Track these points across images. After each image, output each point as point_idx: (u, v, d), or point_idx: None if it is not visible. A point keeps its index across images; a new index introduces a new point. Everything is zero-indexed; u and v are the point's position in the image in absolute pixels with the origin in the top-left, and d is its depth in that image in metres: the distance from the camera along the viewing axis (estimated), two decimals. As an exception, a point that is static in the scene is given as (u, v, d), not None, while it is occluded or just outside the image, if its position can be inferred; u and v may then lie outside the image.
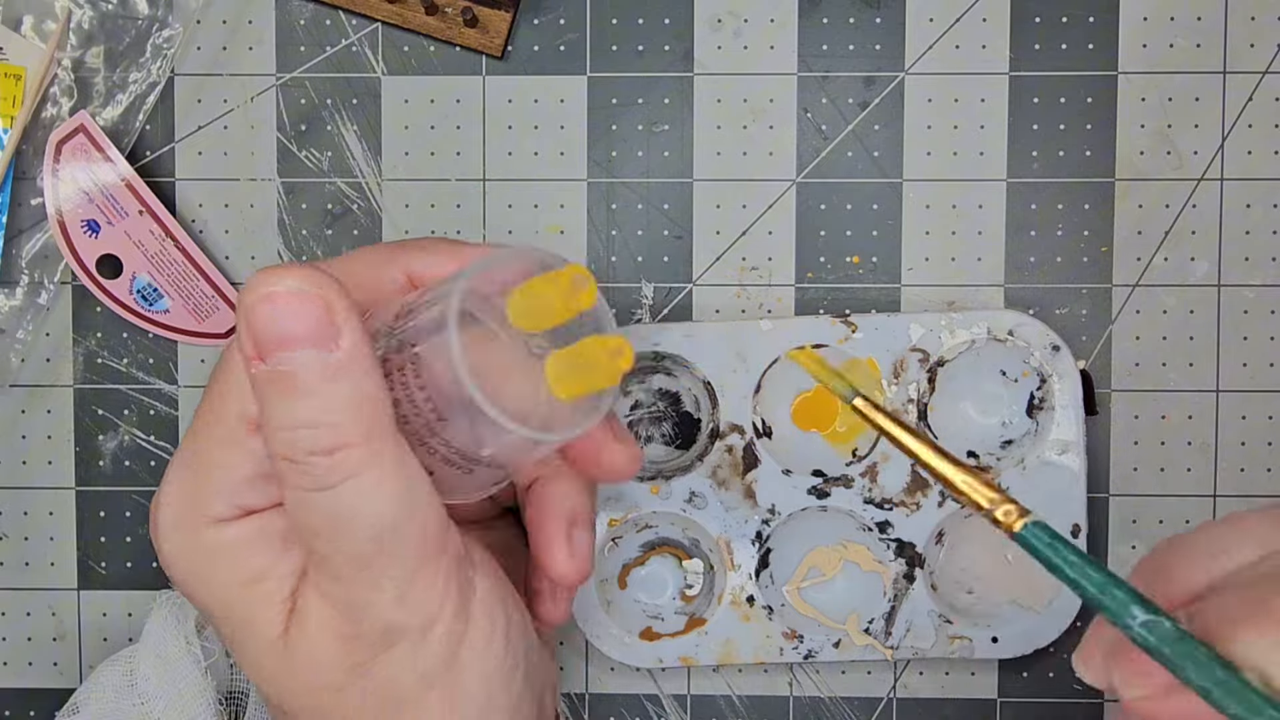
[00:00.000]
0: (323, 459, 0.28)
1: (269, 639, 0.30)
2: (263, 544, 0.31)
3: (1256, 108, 0.45)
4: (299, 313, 0.27)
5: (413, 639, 0.30)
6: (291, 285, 0.27)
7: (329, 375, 0.27)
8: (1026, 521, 0.26)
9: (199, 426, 0.31)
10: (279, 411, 0.28)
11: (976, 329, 0.44)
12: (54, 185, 0.45)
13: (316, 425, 0.27)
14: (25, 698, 0.48)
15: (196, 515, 0.31)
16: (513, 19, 0.46)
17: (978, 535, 0.45)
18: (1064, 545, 0.26)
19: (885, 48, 0.46)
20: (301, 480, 0.28)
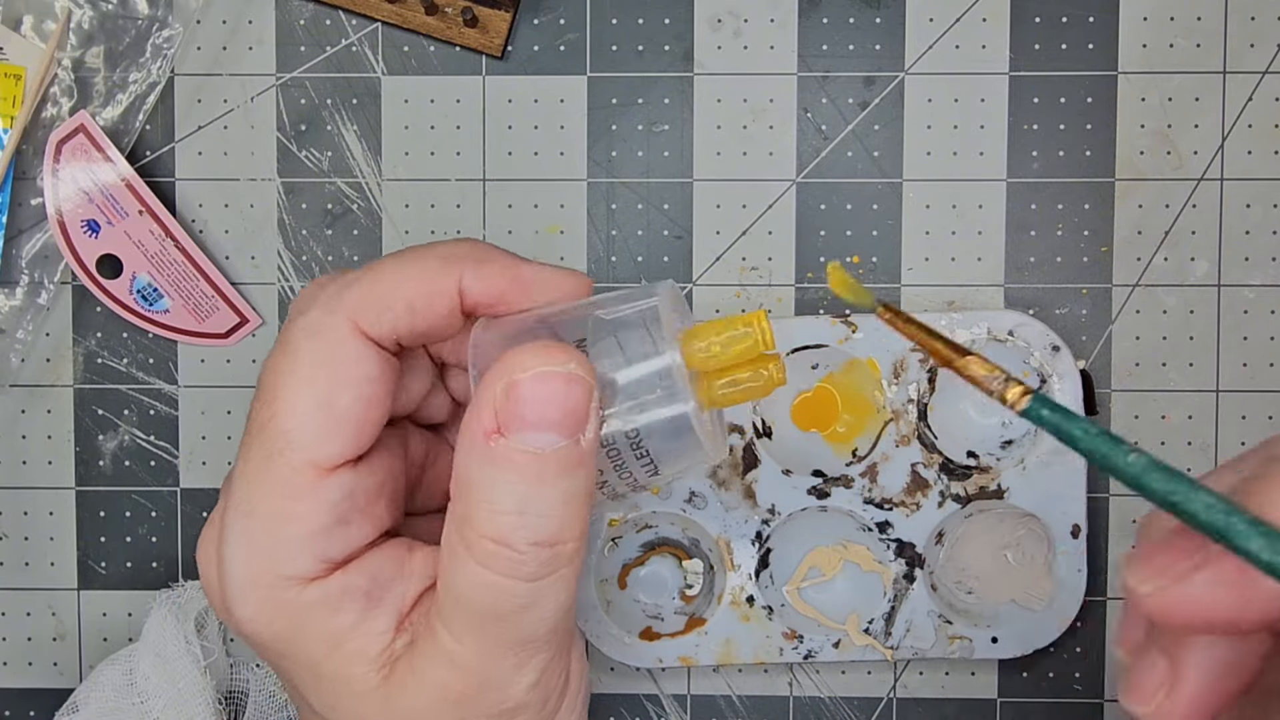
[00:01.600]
0: (543, 550, 0.26)
1: (365, 690, 0.29)
2: (349, 603, 0.29)
3: (1256, 108, 0.45)
4: (566, 398, 0.26)
5: (529, 715, 0.29)
6: (573, 368, 0.26)
7: (569, 466, 0.26)
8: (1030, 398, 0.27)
9: (253, 473, 0.29)
10: (507, 494, 0.26)
11: (976, 329, 0.44)
12: (54, 185, 0.45)
13: (546, 516, 0.26)
14: (25, 698, 0.48)
15: (274, 575, 0.29)
16: (513, 19, 0.46)
17: (978, 535, 0.45)
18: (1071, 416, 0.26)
19: (885, 48, 0.46)
20: (508, 568, 0.26)
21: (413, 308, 0.29)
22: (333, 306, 0.29)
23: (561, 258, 0.46)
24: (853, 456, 0.45)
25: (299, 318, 0.30)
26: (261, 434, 0.29)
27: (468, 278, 0.29)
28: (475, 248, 0.30)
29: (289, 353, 0.29)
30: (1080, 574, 0.44)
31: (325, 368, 0.28)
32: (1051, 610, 0.44)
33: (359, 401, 0.28)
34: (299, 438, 0.28)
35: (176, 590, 0.45)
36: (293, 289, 0.47)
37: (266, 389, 0.29)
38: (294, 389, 0.28)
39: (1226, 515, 0.24)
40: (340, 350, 0.28)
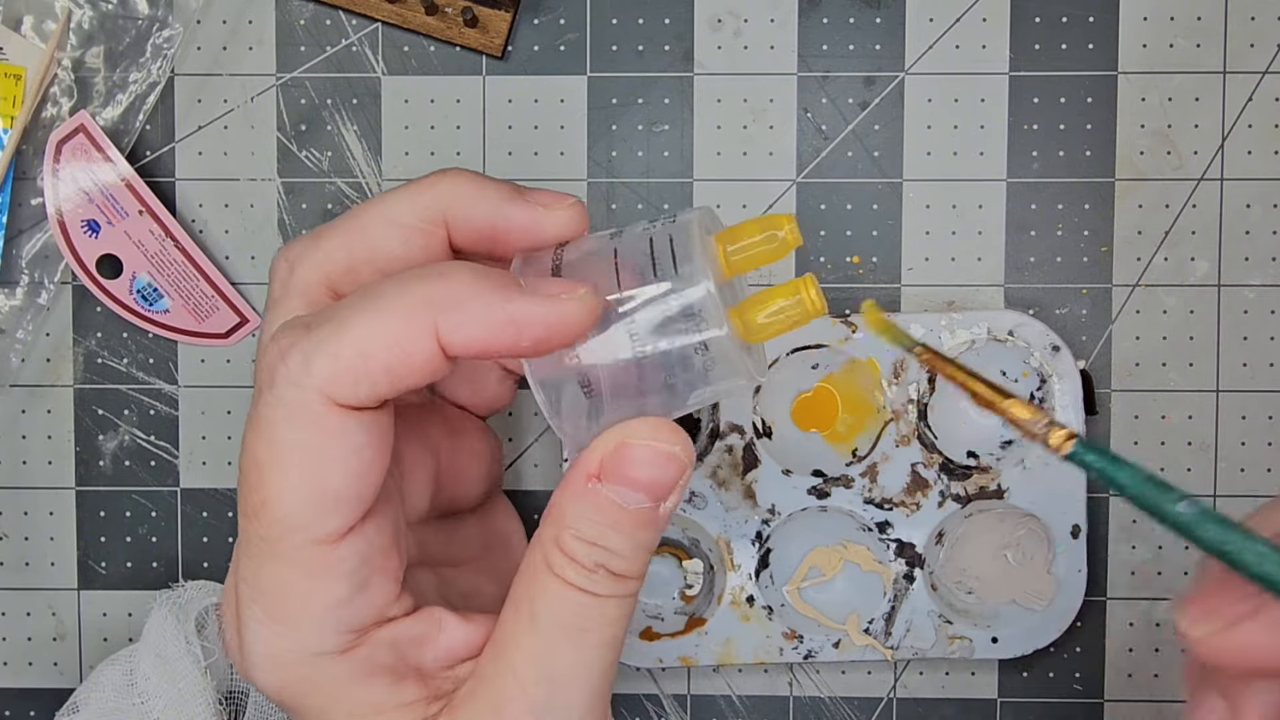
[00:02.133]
0: (609, 576, 0.30)
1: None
2: (377, 678, 0.30)
3: (1256, 108, 0.45)
4: (662, 471, 0.29)
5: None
6: (677, 450, 0.29)
7: (644, 523, 0.30)
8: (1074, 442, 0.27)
9: (258, 555, 0.29)
10: (589, 527, 0.29)
11: (976, 329, 0.44)
12: (54, 185, 0.45)
13: (617, 553, 0.30)
14: (25, 698, 0.48)
15: (300, 653, 0.29)
16: (513, 19, 0.46)
17: (978, 535, 0.45)
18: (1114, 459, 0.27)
19: (885, 48, 0.46)
20: (581, 581, 0.29)
21: (390, 370, 0.27)
22: (302, 380, 0.27)
23: (561, 258, 0.46)
24: (853, 456, 0.45)
25: (268, 391, 0.28)
26: (257, 519, 0.28)
27: (444, 327, 0.27)
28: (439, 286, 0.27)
29: (267, 437, 0.27)
30: (1080, 574, 0.44)
31: (308, 451, 0.27)
32: (1051, 610, 0.44)
33: (350, 476, 0.28)
34: (295, 521, 0.28)
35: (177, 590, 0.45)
36: (293, 289, 0.47)
37: (250, 474, 0.28)
38: (280, 477, 0.27)
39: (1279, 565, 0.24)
40: (320, 429, 0.27)
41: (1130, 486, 0.26)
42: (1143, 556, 0.46)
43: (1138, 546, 0.46)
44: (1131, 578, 0.46)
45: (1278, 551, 0.24)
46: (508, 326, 0.27)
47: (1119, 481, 0.26)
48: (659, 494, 0.29)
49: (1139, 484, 0.26)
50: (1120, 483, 0.26)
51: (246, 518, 0.28)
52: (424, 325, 0.27)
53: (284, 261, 0.31)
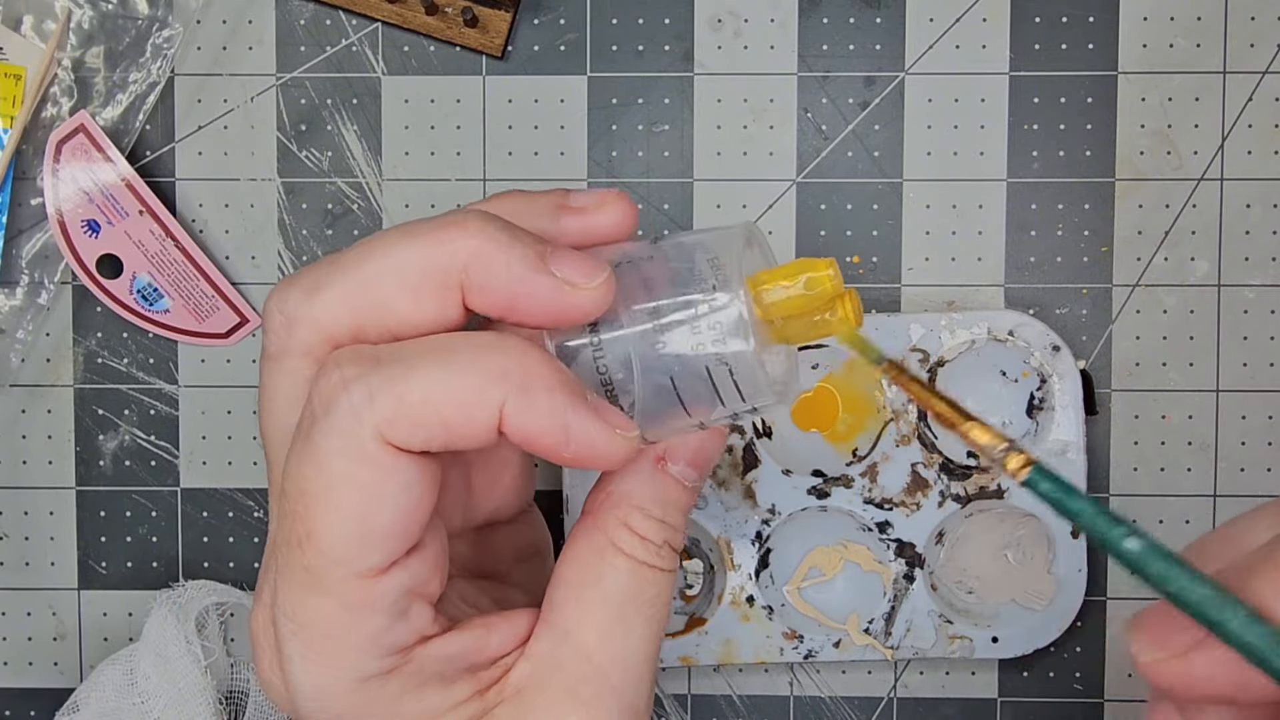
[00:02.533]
0: (665, 550, 0.32)
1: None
2: (428, 687, 0.30)
3: (1256, 108, 0.45)
4: (715, 445, 0.33)
5: None
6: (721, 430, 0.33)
7: (693, 497, 0.33)
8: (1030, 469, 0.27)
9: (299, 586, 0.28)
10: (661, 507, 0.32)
11: (976, 329, 0.44)
12: (54, 185, 0.45)
13: (674, 527, 0.32)
14: (25, 698, 0.48)
15: (349, 681, 0.29)
16: (513, 19, 0.46)
17: (978, 535, 0.45)
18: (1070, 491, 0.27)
19: (885, 48, 0.46)
20: (647, 555, 0.32)
21: (448, 427, 0.27)
22: (362, 415, 0.27)
23: (561, 258, 0.46)
24: (853, 456, 0.45)
25: (323, 420, 0.27)
26: (300, 549, 0.28)
27: (510, 409, 0.27)
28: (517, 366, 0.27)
29: (318, 468, 0.27)
30: (1080, 574, 0.44)
31: (361, 488, 0.27)
32: (1051, 610, 0.44)
33: (398, 513, 0.27)
34: (341, 556, 0.27)
35: (177, 590, 0.45)
36: (293, 289, 0.47)
37: (296, 502, 0.27)
38: (329, 510, 0.27)
39: (1221, 610, 0.25)
40: (374, 466, 0.27)
41: (1081, 517, 0.27)
42: (1143, 556, 0.46)
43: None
44: (1132, 578, 0.46)
45: (1221, 594, 0.24)
46: (560, 433, 0.27)
47: (1071, 512, 0.27)
48: (705, 470, 0.33)
49: (1089, 517, 0.27)
50: (1072, 513, 0.27)
51: (290, 547, 0.28)
52: (494, 399, 0.27)
53: (279, 315, 0.29)
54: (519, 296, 0.28)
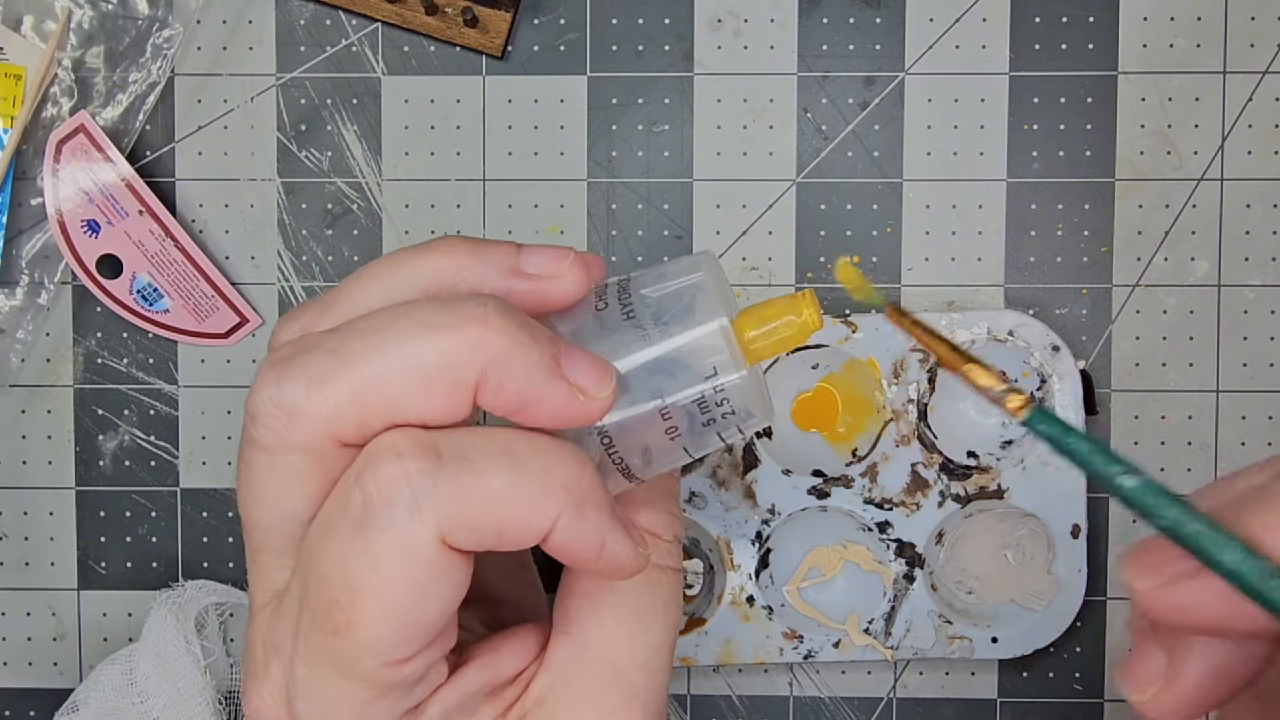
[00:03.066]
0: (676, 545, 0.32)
1: None
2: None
3: (1256, 108, 0.45)
4: None
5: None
6: None
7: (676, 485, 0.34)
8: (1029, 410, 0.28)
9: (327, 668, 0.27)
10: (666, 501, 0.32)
11: (976, 329, 0.44)
12: (54, 185, 0.45)
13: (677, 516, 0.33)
14: (25, 698, 0.48)
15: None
16: (513, 19, 0.46)
17: (978, 535, 0.45)
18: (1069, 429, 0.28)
19: (885, 48, 0.46)
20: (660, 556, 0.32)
21: (503, 534, 0.27)
22: (424, 515, 0.26)
23: (561, 258, 0.46)
24: (853, 456, 0.45)
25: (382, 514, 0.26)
26: (337, 637, 0.27)
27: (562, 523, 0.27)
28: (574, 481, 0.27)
29: (373, 565, 0.26)
30: (1080, 574, 0.44)
31: (414, 586, 0.26)
32: (1051, 610, 0.44)
33: (444, 609, 0.27)
34: (379, 647, 0.27)
35: (176, 590, 0.45)
36: (293, 289, 0.47)
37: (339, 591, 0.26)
38: (377, 606, 0.26)
39: (1215, 542, 0.25)
40: (430, 568, 0.26)
41: (1079, 456, 0.27)
42: (1143, 556, 0.46)
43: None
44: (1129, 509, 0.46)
45: (1216, 529, 0.25)
46: (596, 549, 0.27)
47: (1070, 450, 0.27)
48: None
49: (1088, 455, 0.27)
50: (1071, 451, 0.27)
51: (323, 634, 0.27)
52: (552, 513, 0.26)
53: (276, 409, 0.27)
54: (531, 402, 0.27)
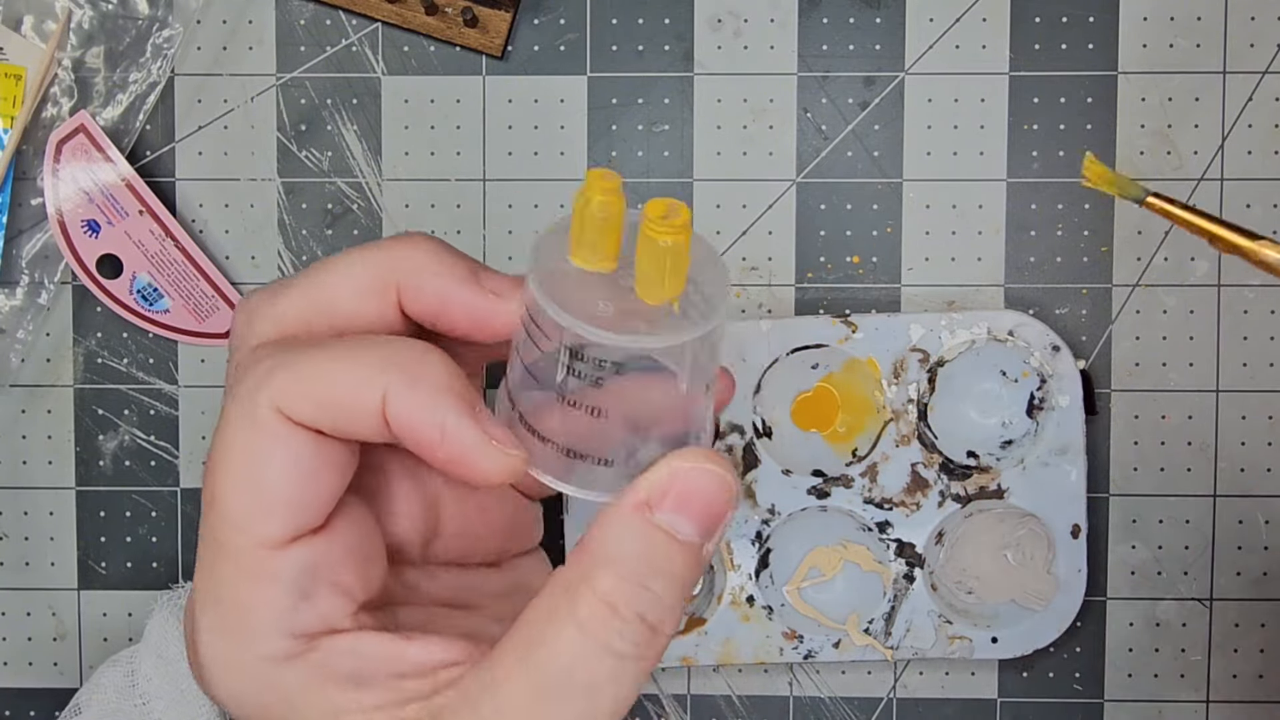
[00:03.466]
0: (644, 629, 0.27)
1: None
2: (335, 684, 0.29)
3: (1256, 108, 0.45)
4: (716, 498, 0.27)
5: None
6: (729, 477, 0.28)
7: (693, 561, 0.27)
8: None
9: (209, 556, 0.29)
10: (639, 564, 0.27)
11: (976, 329, 0.44)
12: (54, 185, 0.45)
13: (661, 597, 0.27)
14: (25, 698, 0.48)
15: (252, 656, 0.29)
16: (513, 19, 0.46)
17: (978, 535, 0.45)
18: None
19: (885, 48, 0.46)
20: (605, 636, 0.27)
21: (337, 405, 0.28)
22: (261, 386, 0.29)
23: (562, 258, 0.46)
24: (853, 456, 0.45)
25: (230, 391, 0.30)
26: (209, 514, 0.29)
27: (391, 396, 0.28)
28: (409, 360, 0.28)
29: (223, 435, 0.29)
30: (1080, 574, 0.44)
31: (252, 453, 0.29)
32: (1051, 610, 0.44)
33: (289, 482, 0.29)
34: (237, 520, 0.29)
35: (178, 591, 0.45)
36: (293, 289, 0.47)
37: (208, 469, 0.29)
38: (227, 473, 0.29)
39: None
40: (265, 435, 0.29)
41: None
42: (1143, 556, 0.46)
43: (1138, 546, 0.46)
44: (1131, 578, 0.46)
45: None
46: (435, 430, 0.28)
47: None
48: (709, 526, 0.27)
49: None
50: None
51: (203, 515, 0.29)
52: (379, 384, 0.28)
53: (242, 314, 0.32)
54: (447, 303, 0.30)
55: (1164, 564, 0.46)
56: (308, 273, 0.31)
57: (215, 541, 0.29)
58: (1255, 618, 0.46)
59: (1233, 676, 0.46)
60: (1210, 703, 0.46)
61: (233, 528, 0.29)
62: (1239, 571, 0.46)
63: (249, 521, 0.29)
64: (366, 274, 0.30)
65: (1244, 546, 0.46)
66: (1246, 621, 0.46)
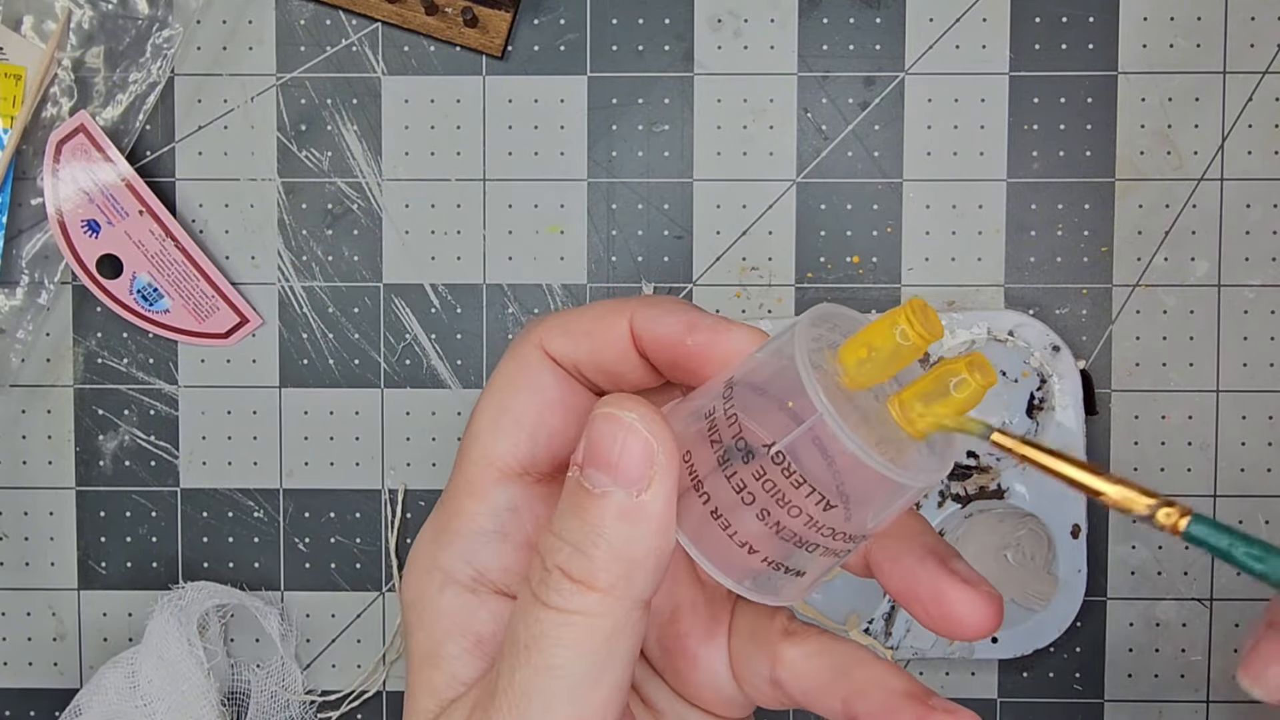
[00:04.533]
0: (565, 582, 0.27)
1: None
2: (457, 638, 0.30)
3: (1256, 108, 0.45)
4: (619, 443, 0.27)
5: None
6: (630, 416, 0.27)
7: (620, 516, 0.27)
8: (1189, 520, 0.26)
9: (454, 471, 0.32)
10: (559, 518, 0.28)
11: (976, 329, 0.44)
12: (54, 185, 0.45)
13: (582, 553, 0.27)
14: (25, 698, 0.48)
15: (430, 561, 0.31)
16: (513, 19, 0.46)
17: (978, 535, 0.45)
18: (1233, 534, 0.26)
19: (885, 48, 0.46)
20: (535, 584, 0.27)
21: (589, 332, 0.31)
22: (530, 331, 0.32)
23: (562, 258, 0.46)
24: (853, 456, 0.45)
25: (514, 340, 0.32)
26: (465, 436, 0.32)
27: (637, 316, 0.30)
28: (647, 296, 0.32)
29: (496, 370, 0.32)
30: (1080, 574, 0.44)
31: (510, 377, 0.32)
32: (1051, 610, 0.44)
33: (531, 404, 0.31)
34: (481, 436, 0.31)
35: (177, 592, 0.45)
36: (293, 289, 0.47)
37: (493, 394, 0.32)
38: (486, 395, 0.32)
39: None
40: (523, 362, 0.31)
41: (1254, 565, 0.25)
42: (1143, 556, 0.46)
43: (1138, 546, 0.46)
44: (1131, 578, 0.46)
45: None
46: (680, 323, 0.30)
47: (1238, 560, 0.25)
48: (628, 477, 0.27)
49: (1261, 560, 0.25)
50: (1240, 561, 0.25)
51: (460, 453, 0.32)
52: (622, 311, 0.30)
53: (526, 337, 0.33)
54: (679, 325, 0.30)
55: (1164, 564, 0.46)
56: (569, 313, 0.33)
57: (460, 458, 0.31)
58: (1255, 618, 0.46)
59: (1232, 676, 0.46)
60: (1210, 703, 0.46)
61: (475, 441, 0.31)
62: (1239, 571, 0.46)
63: (488, 435, 0.31)
64: (605, 305, 0.32)
65: (1244, 546, 0.46)
66: (1246, 622, 0.46)
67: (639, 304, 0.31)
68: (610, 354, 0.31)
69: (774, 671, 0.30)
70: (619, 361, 0.31)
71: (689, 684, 0.31)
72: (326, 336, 0.47)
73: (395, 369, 0.47)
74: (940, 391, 0.26)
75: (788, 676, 0.29)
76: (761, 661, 0.30)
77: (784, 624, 0.30)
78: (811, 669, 0.29)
